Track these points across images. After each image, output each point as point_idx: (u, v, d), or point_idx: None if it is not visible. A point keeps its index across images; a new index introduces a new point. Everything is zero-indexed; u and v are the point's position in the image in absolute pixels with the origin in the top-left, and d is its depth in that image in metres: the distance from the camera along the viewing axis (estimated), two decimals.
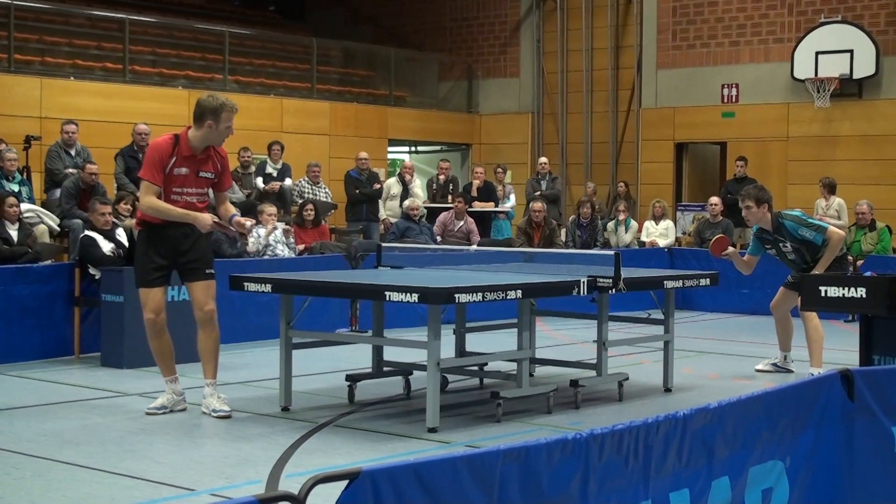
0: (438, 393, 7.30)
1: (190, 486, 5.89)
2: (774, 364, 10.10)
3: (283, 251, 13.02)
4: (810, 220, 9.57)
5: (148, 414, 7.69)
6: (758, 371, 10.08)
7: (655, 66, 20.34)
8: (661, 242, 16.80)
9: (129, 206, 12.38)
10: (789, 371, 9.96)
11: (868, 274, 7.58)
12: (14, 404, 8.16)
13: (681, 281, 8.95)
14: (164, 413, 7.71)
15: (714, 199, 16.65)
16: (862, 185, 17.43)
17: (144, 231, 7.74)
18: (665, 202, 17.88)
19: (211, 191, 7.90)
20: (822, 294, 7.22)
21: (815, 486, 4.43)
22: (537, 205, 15.69)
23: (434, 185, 17.81)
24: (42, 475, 6.10)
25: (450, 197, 17.14)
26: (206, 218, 7.61)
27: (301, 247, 13.73)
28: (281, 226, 13.31)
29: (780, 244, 9.49)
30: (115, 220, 11.07)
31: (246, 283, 7.83)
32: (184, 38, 19.21)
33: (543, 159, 18.68)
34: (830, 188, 16.49)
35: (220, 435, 7.19)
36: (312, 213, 14.33)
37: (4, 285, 10.09)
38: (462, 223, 15.70)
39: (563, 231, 16.86)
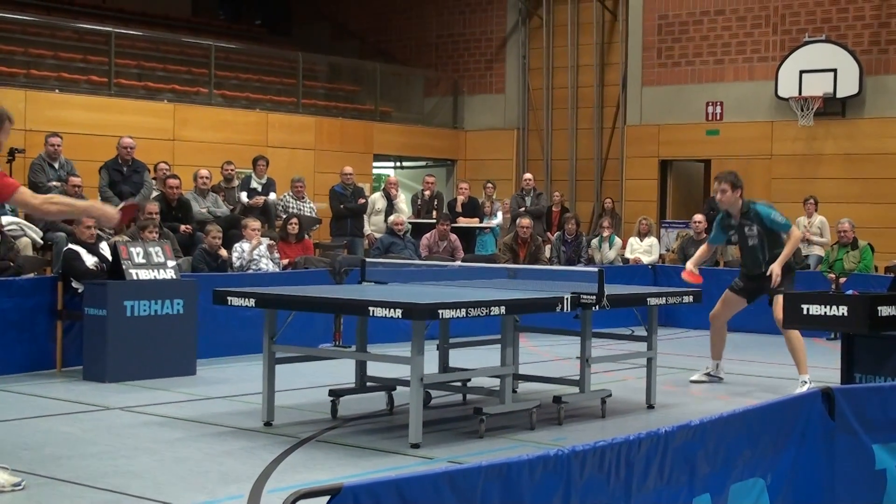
0: (421, 408, 7.29)
1: (171, 500, 5.87)
2: (708, 374, 10.49)
3: (268, 266, 13.01)
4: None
5: None
6: (693, 382, 10.42)
7: (640, 83, 20.42)
8: (645, 259, 16.85)
9: None
10: (720, 379, 10.40)
11: (850, 292, 7.63)
12: None
13: (664, 298, 8.97)
14: None
15: (698, 217, 16.69)
16: (844, 203, 17.51)
17: None
18: (650, 219, 17.93)
19: None
20: (805, 312, 7.27)
21: None
22: (525, 221, 15.70)
23: (419, 201, 17.80)
24: (22, 490, 6.06)
25: (434, 213, 17.12)
26: None
27: (285, 261, 13.71)
28: (265, 241, 13.30)
29: (746, 227, 9.68)
30: (99, 232, 11.03)
31: (229, 298, 7.81)
32: (170, 51, 19.22)
33: (528, 175, 18.70)
34: (816, 205, 16.74)
35: (203, 450, 7.16)
36: (297, 227, 14.32)
37: None
38: (445, 243, 15.70)
39: (548, 248, 16.87)
